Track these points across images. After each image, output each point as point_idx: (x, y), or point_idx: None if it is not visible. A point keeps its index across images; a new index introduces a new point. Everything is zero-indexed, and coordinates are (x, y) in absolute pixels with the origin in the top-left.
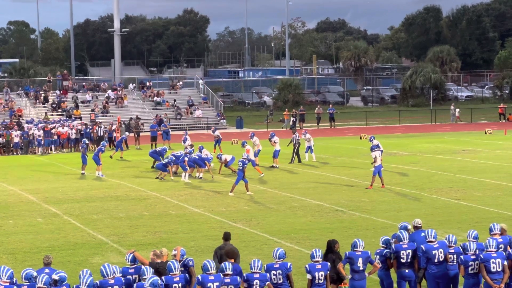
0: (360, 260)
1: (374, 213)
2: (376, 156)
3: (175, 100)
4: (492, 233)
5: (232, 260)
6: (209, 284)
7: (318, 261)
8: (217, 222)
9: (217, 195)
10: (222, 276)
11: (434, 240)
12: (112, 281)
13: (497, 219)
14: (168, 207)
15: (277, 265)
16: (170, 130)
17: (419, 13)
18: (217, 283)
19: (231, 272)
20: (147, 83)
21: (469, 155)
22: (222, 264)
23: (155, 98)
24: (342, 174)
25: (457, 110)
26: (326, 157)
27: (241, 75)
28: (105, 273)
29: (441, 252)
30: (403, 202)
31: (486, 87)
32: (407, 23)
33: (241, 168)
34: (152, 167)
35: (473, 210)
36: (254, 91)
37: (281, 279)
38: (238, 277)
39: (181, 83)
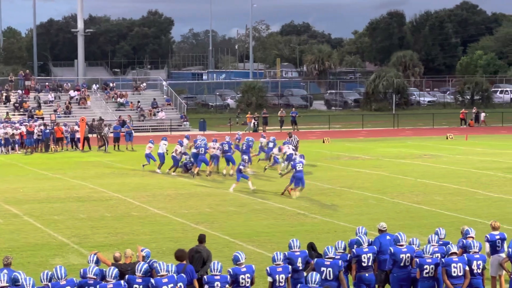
0: (299, 260)
1: (336, 217)
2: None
3: (139, 101)
4: (468, 236)
5: (184, 262)
6: (163, 287)
7: (279, 264)
8: (179, 224)
9: (180, 196)
10: (176, 276)
11: (404, 243)
12: (64, 282)
13: (457, 224)
14: (130, 208)
15: (245, 269)
16: (133, 131)
17: (382, 18)
18: (172, 285)
19: (166, 273)
20: (111, 84)
21: (430, 160)
22: (157, 265)
23: (119, 99)
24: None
25: (483, 114)
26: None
27: (204, 77)
28: (55, 276)
29: (408, 256)
30: (365, 206)
31: (448, 92)
32: (370, 28)
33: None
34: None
35: (433, 214)
36: (217, 93)
37: (249, 282)
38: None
39: (144, 84)
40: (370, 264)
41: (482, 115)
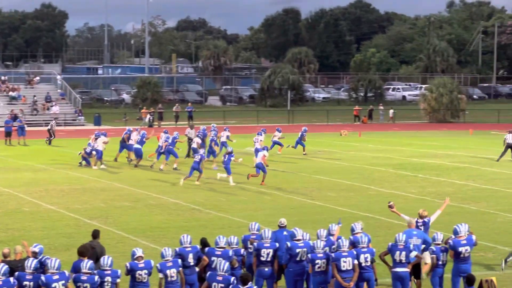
0: (190, 255)
1: (231, 212)
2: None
3: (34, 96)
4: (354, 232)
5: (85, 258)
6: (54, 284)
7: (168, 260)
8: (73, 219)
9: (73, 192)
10: (67, 273)
11: (301, 238)
12: None
13: (350, 219)
14: (22, 204)
15: (143, 265)
16: (25, 125)
17: (278, 14)
18: (63, 281)
19: (89, 271)
20: (2, 77)
21: (324, 156)
22: (49, 261)
23: (10, 92)
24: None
25: (391, 111)
26: (180, 155)
27: (100, 72)
28: None
29: (304, 251)
30: (259, 202)
31: (342, 89)
32: (266, 24)
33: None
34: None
35: (327, 210)
36: (113, 88)
37: (146, 278)
38: (95, 276)
39: (38, 78)
40: (269, 259)
41: (391, 112)
